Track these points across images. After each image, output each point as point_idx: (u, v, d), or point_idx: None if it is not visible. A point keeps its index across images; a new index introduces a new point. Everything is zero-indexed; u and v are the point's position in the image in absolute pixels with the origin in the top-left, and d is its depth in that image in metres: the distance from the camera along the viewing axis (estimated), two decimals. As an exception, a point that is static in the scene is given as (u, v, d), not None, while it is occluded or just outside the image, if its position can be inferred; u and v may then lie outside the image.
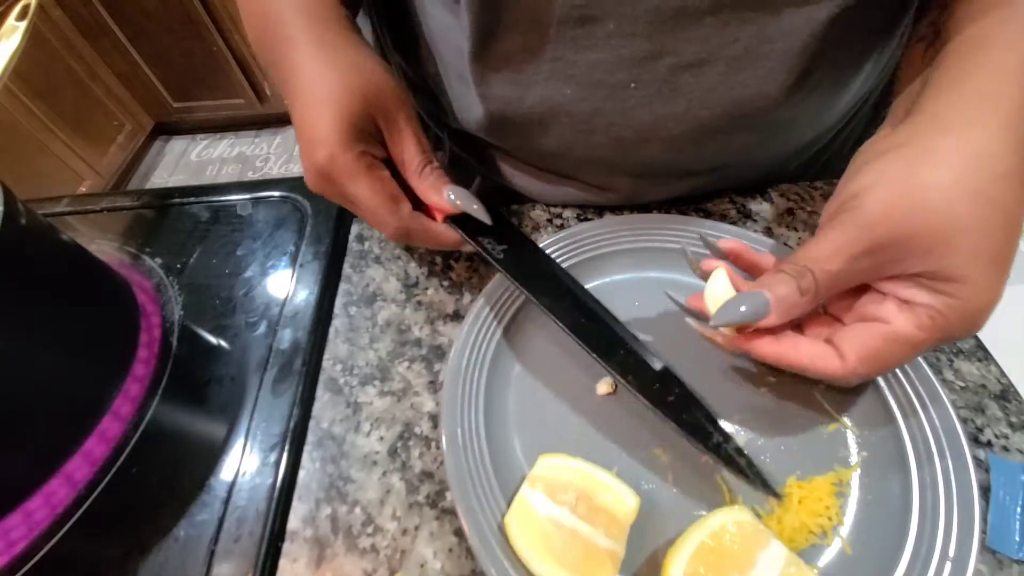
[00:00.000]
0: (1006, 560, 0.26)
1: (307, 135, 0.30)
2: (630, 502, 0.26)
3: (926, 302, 0.23)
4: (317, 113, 0.30)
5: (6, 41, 0.53)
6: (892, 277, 0.25)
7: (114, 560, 0.30)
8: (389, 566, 0.28)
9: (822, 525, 0.27)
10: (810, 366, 0.26)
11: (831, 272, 0.25)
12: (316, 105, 0.30)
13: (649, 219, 0.38)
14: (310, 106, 0.30)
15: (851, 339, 0.25)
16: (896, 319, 0.24)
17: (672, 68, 0.31)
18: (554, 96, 0.34)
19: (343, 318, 0.39)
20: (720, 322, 0.26)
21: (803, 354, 0.26)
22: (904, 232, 0.23)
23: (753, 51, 0.30)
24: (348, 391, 0.35)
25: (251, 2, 0.34)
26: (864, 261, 0.24)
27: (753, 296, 0.26)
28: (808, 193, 0.42)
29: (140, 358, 0.38)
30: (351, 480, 0.31)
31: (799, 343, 0.27)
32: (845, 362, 0.25)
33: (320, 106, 0.30)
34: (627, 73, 0.32)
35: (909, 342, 0.24)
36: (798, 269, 0.25)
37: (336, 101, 0.30)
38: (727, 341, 0.28)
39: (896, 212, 0.23)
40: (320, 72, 0.31)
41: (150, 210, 0.50)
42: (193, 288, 0.42)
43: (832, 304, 0.28)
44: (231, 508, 0.31)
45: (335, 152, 0.30)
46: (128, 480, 0.33)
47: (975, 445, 0.29)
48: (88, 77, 1.78)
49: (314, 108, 0.30)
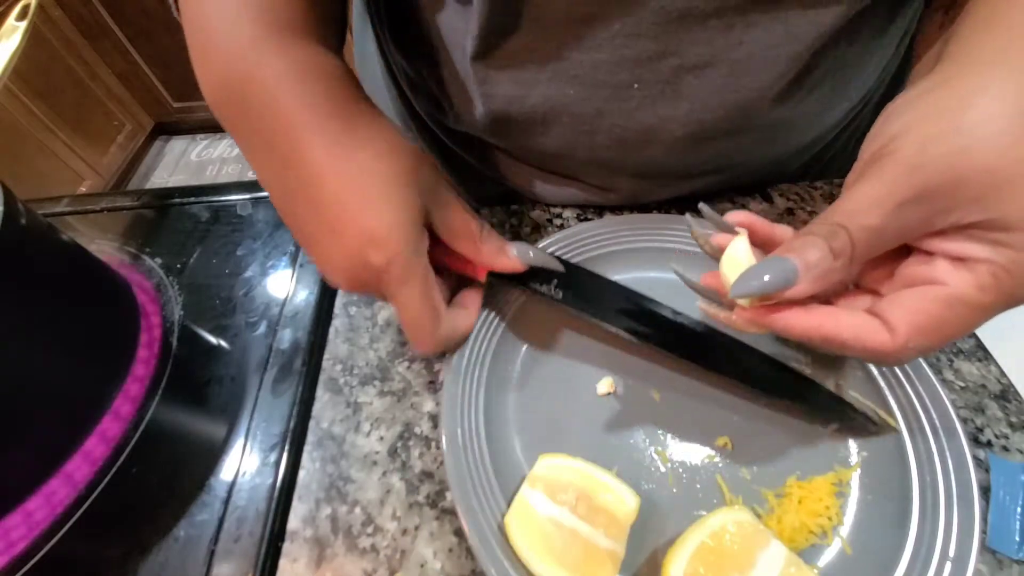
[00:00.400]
0: (1006, 560, 0.26)
1: (355, 237, 0.25)
2: (630, 502, 0.26)
3: (986, 257, 0.20)
4: (373, 213, 0.25)
5: (6, 41, 0.53)
6: (940, 232, 0.21)
7: (114, 560, 0.30)
8: (389, 566, 0.28)
9: (822, 525, 0.27)
10: (852, 340, 0.21)
11: (870, 227, 0.21)
12: (369, 205, 0.25)
13: (649, 219, 0.38)
14: (357, 207, 0.25)
15: (900, 307, 0.21)
16: (953, 279, 0.20)
17: (675, 70, 0.31)
18: (556, 96, 0.34)
19: (343, 318, 0.39)
20: (740, 292, 0.22)
21: (843, 325, 0.22)
22: (954, 175, 0.19)
23: (757, 54, 0.30)
24: (348, 391, 0.35)
25: (213, 65, 0.28)
26: (908, 212, 0.20)
27: (778, 262, 0.22)
28: (808, 193, 0.42)
29: (140, 358, 0.38)
30: (351, 480, 0.31)
31: (837, 314, 0.22)
32: (895, 335, 0.21)
33: (376, 204, 0.25)
34: (630, 74, 0.32)
35: (973, 305, 0.20)
36: (829, 228, 0.21)
37: (394, 197, 0.26)
38: (746, 318, 0.24)
39: (943, 152, 0.19)
40: (365, 167, 0.26)
41: (150, 210, 0.50)
42: (193, 288, 0.42)
43: (866, 275, 0.24)
44: (231, 508, 0.31)
45: (398, 256, 0.25)
46: (128, 480, 0.33)
47: (975, 445, 0.29)
48: (88, 77, 1.78)
49: (367, 208, 0.25)
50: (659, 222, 0.38)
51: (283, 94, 0.26)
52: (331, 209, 0.25)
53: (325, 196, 0.25)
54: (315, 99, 0.26)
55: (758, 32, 0.29)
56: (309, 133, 0.26)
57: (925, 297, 0.21)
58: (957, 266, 0.20)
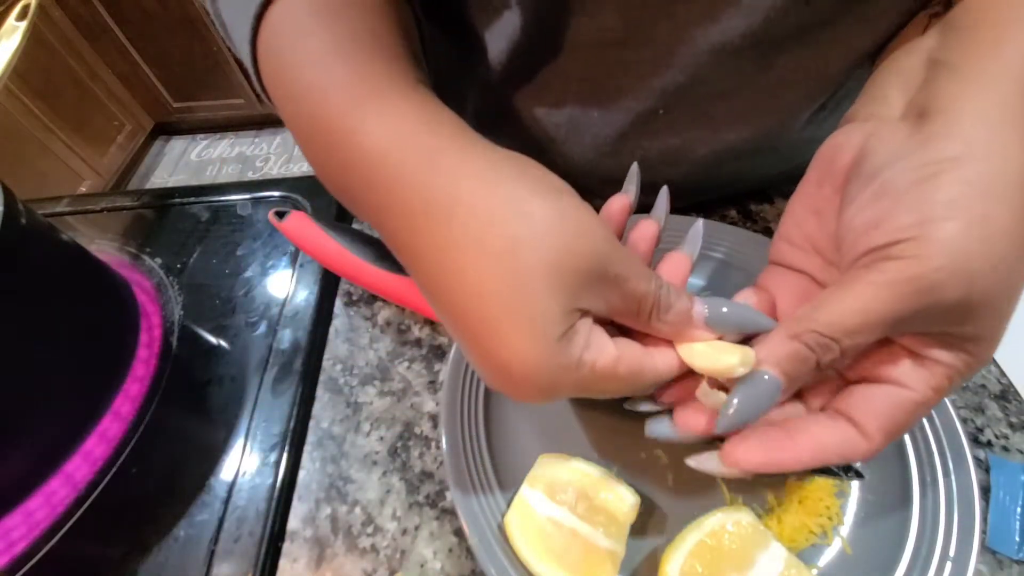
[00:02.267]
0: (1006, 560, 0.26)
1: (490, 369, 0.19)
2: (630, 502, 0.26)
3: (949, 362, 0.19)
4: (504, 341, 0.18)
5: (6, 41, 0.53)
6: (915, 332, 0.19)
7: (114, 560, 0.30)
8: (389, 566, 0.28)
9: (822, 525, 0.26)
10: (836, 458, 0.20)
11: (865, 344, 0.19)
12: (499, 329, 0.18)
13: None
14: (483, 330, 0.19)
15: (872, 412, 0.20)
16: (915, 382, 0.20)
17: (703, 96, 0.31)
18: (581, 117, 0.33)
19: (343, 318, 0.39)
20: (729, 426, 0.20)
21: (828, 448, 0.20)
22: (972, 296, 0.17)
23: (787, 79, 0.30)
24: (348, 391, 0.35)
25: (316, 132, 0.22)
26: (906, 325, 0.19)
27: (760, 384, 0.20)
28: (808, 193, 0.42)
29: (140, 358, 0.38)
30: (351, 480, 0.31)
31: (813, 432, 0.20)
32: (870, 441, 0.20)
33: (508, 331, 0.18)
34: (657, 100, 0.31)
35: (928, 406, 0.20)
36: (822, 341, 0.19)
37: (538, 317, 0.18)
38: (729, 464, 0.21)
39: (973, 270, 0.17)
40: (503, 264, 0.18)
41: (150, 210, 0.50)
42: (193, 288, 0.42)
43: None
44: (231, 508, 0.31)
45: (545, 394, 0.20)
46: (128, 480, 0.33)
47: (975, 445, 0.29)
48: (88, 77, 1.78)
49: (497, 335, 0.18)
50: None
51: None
52: (466, 315, 0.19)
53: (454, 302, 0.19)
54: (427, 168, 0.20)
55: (788, 58, 0.29)
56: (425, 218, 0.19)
57: (894, 403, 0.20)
58: (917, 364, 0.20)
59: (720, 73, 0.29)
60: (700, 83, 0.30)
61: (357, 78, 0.21)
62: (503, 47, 0.31)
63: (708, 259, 0.35)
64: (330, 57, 0.21)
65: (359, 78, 0.21)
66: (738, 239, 0.35)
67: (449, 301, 0.19)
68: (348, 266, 0.35)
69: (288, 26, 0.22)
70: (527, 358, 0.18)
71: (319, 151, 0.22)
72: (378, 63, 0.22)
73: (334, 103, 0.21)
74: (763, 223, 0.40)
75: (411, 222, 0.19)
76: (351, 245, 0.35)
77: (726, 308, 0.22)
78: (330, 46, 0.22)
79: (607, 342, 0.20)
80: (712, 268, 0.35)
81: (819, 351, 0.19)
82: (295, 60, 0.22)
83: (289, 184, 0.49)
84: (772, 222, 0.40)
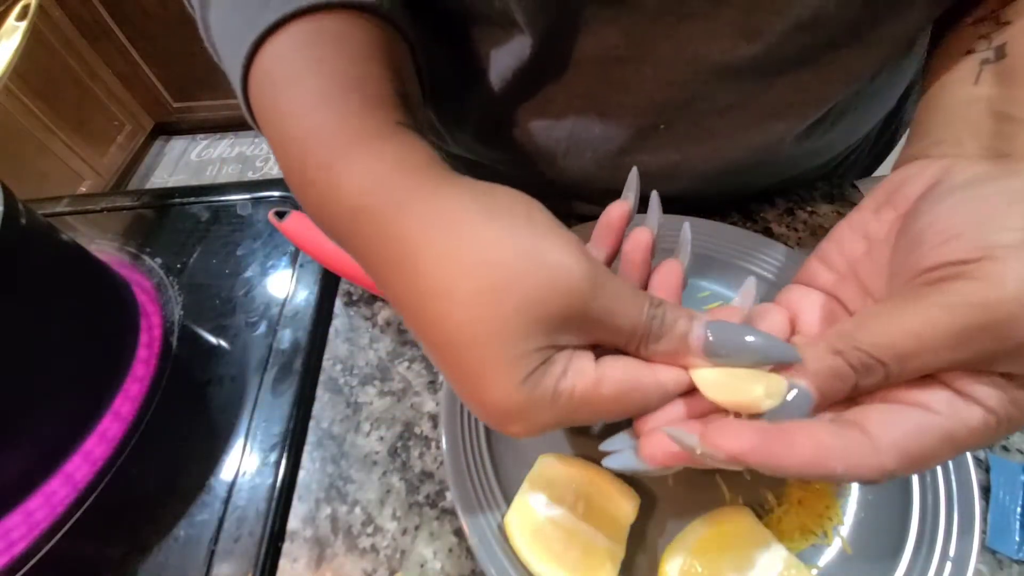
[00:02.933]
0: (1006, 560, 0.26)
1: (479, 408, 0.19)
2: (630, 502, 0.26)
3: (992, 405, 0.16)
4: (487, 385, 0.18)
5: (6, 41, 0.53)
6: (966, 369, 0.17)
7: (114, 560, 0.30)
8: (389, 566, 0.28)
9: (822, 525, 0.27)
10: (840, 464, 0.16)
11: (912, 371, 0.17)
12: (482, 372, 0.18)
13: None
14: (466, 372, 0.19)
15: (888, 425, 0.17)
16: (950, 413, 0.17)
17: (704, 112, 0.31)
18: (582, 132, 0.33)
19: (343, 318, 0.39)
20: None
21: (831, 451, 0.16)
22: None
23: (787, 98, 0.30)
24: (348, 391, 0.35)
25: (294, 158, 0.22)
26: (959, 353, 0.16)
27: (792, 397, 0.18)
28: (808, 193, 0.42)
29: (140, 358, 0.38)
30: (351, 480, 0.31)
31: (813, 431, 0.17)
32: (880, 455, 0.17)
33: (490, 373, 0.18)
34: (658, 116, 0.31)
35: (959, 445, 0.17)
36: (867, 362, 0.17)
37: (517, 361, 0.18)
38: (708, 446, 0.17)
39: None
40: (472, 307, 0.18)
41: (150, 210, 0.50)
42: (193, 288, 0.42)
43: None
44: (231, 508, 0.31)
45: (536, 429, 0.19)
46: (128, 480, 0.33)
47: (975, 445, 0.29)
48: (88, 77, 1.78)
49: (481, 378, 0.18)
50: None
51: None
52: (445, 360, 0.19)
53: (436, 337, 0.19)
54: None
55: (790, 78, 0.29)
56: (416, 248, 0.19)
57: (916, 424, 0.17)
58: (956, 399, 0.17)
59: (721, 90, 0.30)
60: (701, 99, 0.30)
61: (339, 126, 0.21)
62: (508, 64, 0.31)
63: (707, 259, 0.35)
64: (316, 107, 0.21)
65: (340, 126, 0.21)
66: (739, 239, 0.35)
67: (430, 344, 0.19)
68: (348, 266, 0.35)
69: (278, 72, 0.23)
70: (502, 401, 0.18)
71: (310, 203, 0.22)
72: (365, 109, 0.22)
73: (319, 154, 0.21)
74: (763, 223, 0.40)
75: (388, 270, 0.19)
76: None
77: (734, 334, 0.19)
78: (316, 96, 0.22)
79: (587, 366, 0.19)
80: (712, 268, 0.35)
81: (861, 372, 0.17)
82: (284, 110, 0.22)
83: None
84: (772, 222, 0.40)
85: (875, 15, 0.26)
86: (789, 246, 0.38)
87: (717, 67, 0.28)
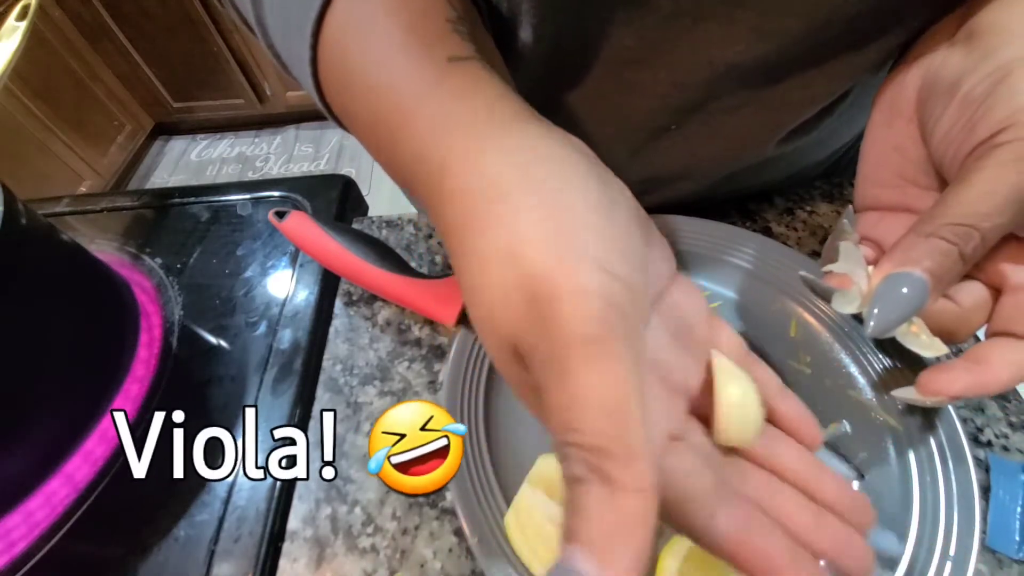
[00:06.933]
0: (1006, 560, 0.26)
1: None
2: (630, 502, 0.26)
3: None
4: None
5: (6, 41, 0.53)
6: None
7: (114, 560, 0.30)
8: (389, 566, 0.28)
9: (822, 525, 0.26)
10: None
11: (1001, 226, 0.19)
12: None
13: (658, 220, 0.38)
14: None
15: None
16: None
17: (713, 111, 0.31)
18: (594, 134, 0.33)
19: (343, 318, 0.39)
20: (880, 331, 0.20)
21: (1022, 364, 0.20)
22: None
23: (795, 95, 0.30)
24: (348, 391, 0.35)
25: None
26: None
27: (905, 281, 0.19)
28: (808, 193, 0.42)
29: (140, 358, 0.38)
30: (351, 480, 0.31)
31: (1002, 351, 0.21)
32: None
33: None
34: (670, 118, 0.31)
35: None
36: (960, 231, 0.19)
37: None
38: (928, 394, 0.22)
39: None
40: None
41: (150, 210, 0.50)
42: (193, 288, 0.42)
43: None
44: (231, 508, 0.31)
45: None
46: (128, 480, 0.33)
47: (975, 445, 0.29)
48: (88, 77, 1.78)
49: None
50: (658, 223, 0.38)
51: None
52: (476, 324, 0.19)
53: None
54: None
55: (797, 75, 0.29)
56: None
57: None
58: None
59: (732, 91, 0.30)
60: (712, 99, 0.30)
61: (417, 71, 0.20)
62: (518, 66, 0.31)
63: (707, 259, 0.35)
64: (392, 54, 0.20)
65: (419, 70, 0.20)
66: (738, 238, 0.35)
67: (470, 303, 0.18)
68: (348, 266, 0.35)
69: (352, 23, 0.21)
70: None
71: (382, 150, 0.22)
72: (435, 49, 0.20)
73: (396, 100, 0.20)
74: (763, 223, 0.40)
75: (453, 222, 0.18)
76: (351, 245, 0.35)
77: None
78: (394, 41, 0.20)
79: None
80: (711, 268, 0.35)
81: (960, 241, 0.19)
82: (362, 61, 0.21)
83: (289, 184, 0.49)
84: (772, 222, 0.40)
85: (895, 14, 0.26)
86: (789, 245, 0.38)
87: (730, 68, 0.28)
